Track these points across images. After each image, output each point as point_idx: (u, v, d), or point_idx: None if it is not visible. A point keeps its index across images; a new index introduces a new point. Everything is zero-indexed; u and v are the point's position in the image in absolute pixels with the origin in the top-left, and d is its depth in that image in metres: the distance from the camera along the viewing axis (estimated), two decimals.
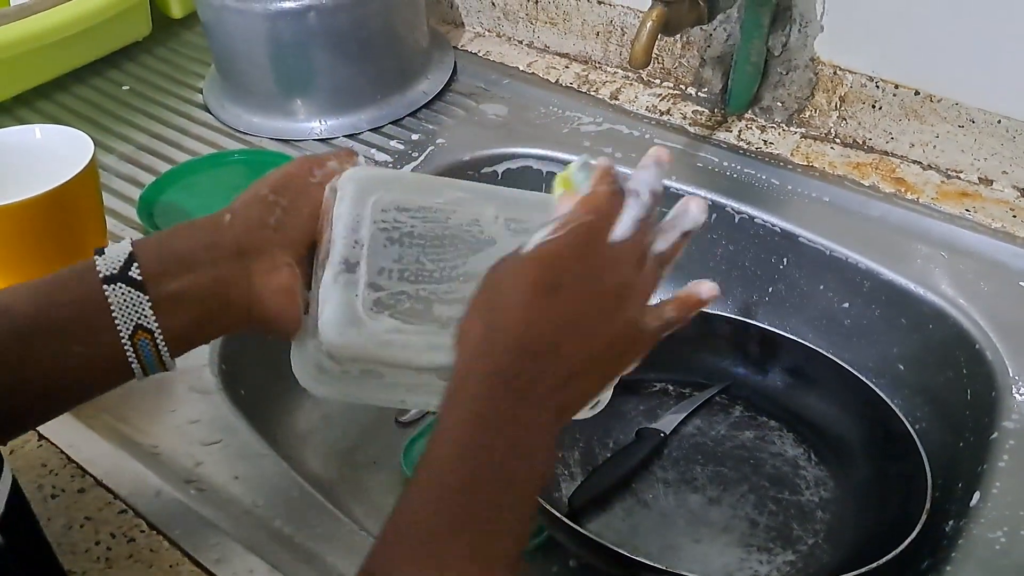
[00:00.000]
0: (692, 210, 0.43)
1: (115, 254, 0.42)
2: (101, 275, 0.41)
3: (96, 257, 0.42)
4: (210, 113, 0.91)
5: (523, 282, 0.39)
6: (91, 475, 0.55)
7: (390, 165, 0.83)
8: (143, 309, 0.42)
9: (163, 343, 0.42)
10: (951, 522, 0.56)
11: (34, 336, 0.41)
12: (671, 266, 0.44)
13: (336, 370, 0.44)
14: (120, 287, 0.41)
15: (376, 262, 0.44)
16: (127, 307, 0.41)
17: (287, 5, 0.81)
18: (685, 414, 0.71)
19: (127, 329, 0.42)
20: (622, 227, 0.41)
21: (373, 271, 0.44)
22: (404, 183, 0.48)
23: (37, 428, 0.57)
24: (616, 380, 0.44)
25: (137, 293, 0.41)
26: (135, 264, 0.42)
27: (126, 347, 0.42)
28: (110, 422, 0.59)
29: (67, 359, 0.42)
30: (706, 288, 0.44)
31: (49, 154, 0.65)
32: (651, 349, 0.43)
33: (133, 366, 0.43)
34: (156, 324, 0.42)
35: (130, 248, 0.42)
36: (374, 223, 0.45)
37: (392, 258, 0.44)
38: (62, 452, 0.56)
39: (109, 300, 0.41)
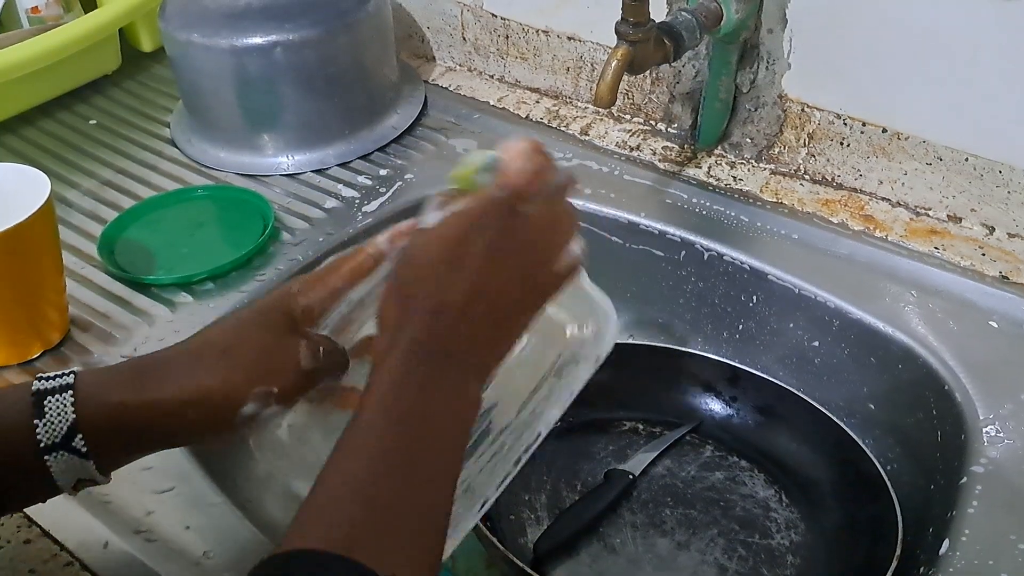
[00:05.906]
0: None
1: (57, 420, 0.40)
2: (42, 444, 0.40)
3: (36, 421, 0.40)
4: (177, 148, 0.90)
5: (430, 254, 0.41)
6: (38, 525, 0.53)
7: (357, 201, 0.82)
8: (88, 470, 0.41)
9: (103, 480, 0.43)
10: (920, 569, 0.55)
11: None
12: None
13: None
14: (62, 455, 0.40)
15: None
16: (70, 470, 0.41)
17: (253, 41, 0.80)
18: (655, 454, 0.70)
19: (68, 484, 0.42)
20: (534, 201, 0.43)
21: None
22: None
23: None
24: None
25: (82, 460, 0.41)
26: (79, 435, 0.40)
27: (66, 492, 0.42)
28: None
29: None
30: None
31: (4, 194, 0.64)
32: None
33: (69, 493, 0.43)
34: (102, 477, 0.42)
35: (72, 415, 0.40)
36: None
37: None
38: None
39: (50, 466, 0.40)
